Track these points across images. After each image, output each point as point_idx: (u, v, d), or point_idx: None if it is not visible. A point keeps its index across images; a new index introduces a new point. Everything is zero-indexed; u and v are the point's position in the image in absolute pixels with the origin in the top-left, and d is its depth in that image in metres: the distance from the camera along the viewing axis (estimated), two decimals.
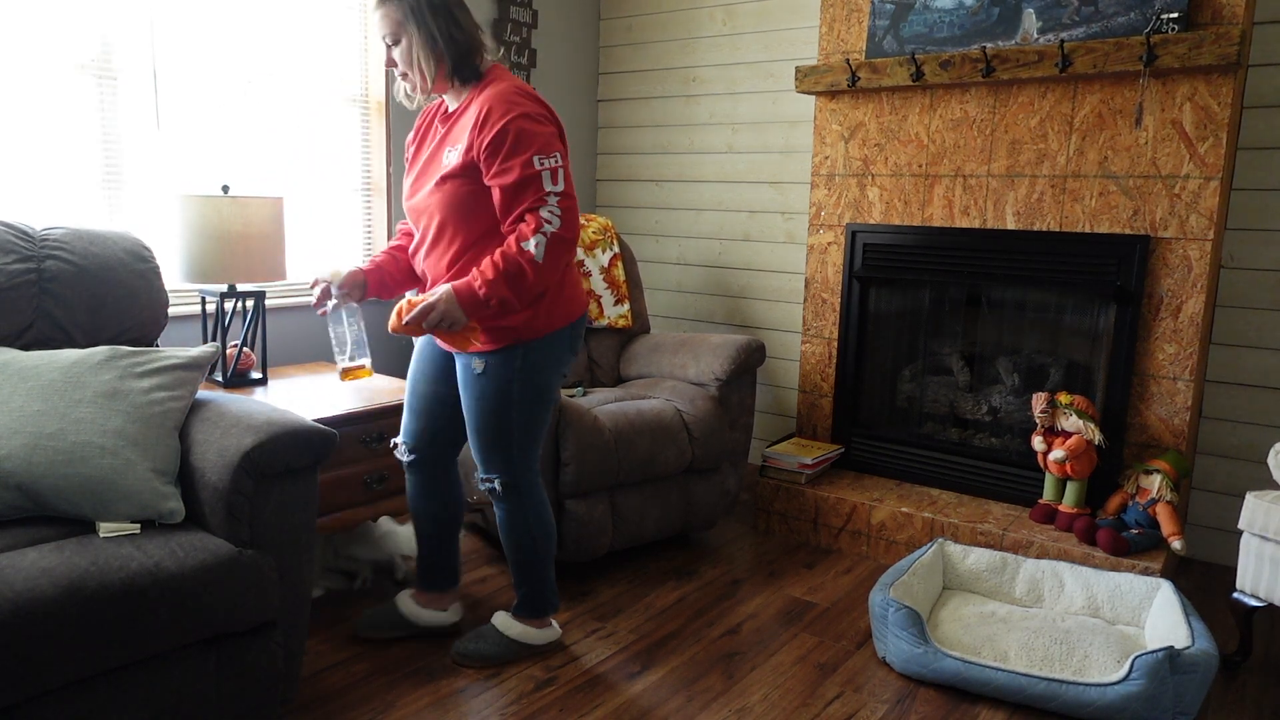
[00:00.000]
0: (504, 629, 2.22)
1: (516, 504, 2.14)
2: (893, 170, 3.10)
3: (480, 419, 2.06)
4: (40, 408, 1.74)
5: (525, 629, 2.23)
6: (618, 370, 3.34)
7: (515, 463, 2.09)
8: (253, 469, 1.73)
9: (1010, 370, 3.12)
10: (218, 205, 2.42)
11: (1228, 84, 2.52)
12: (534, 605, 2.24)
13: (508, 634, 2.21)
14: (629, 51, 4.12)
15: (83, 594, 1.48)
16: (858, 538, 3.01)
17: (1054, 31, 2.72)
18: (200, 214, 2.42)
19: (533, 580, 2.21)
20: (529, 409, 2.06)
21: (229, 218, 2.43)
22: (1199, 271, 2.62)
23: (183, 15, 2.71)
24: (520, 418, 2.06)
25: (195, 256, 2.44)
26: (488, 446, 2.08)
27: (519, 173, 1.86)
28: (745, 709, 2.07)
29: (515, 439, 2.07)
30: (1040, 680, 2.04)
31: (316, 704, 2.02)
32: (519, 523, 2.15)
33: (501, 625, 2.23)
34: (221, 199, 2.43)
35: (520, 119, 1.87)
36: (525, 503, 2.14)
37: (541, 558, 2.20)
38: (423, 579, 2.33)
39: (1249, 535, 2.24)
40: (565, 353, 2.10)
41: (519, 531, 2.16)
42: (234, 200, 2.44)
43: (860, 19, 3.11)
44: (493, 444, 2.07)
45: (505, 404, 2.03)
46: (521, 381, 2.02)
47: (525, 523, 2.15)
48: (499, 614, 2.26)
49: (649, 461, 2.70)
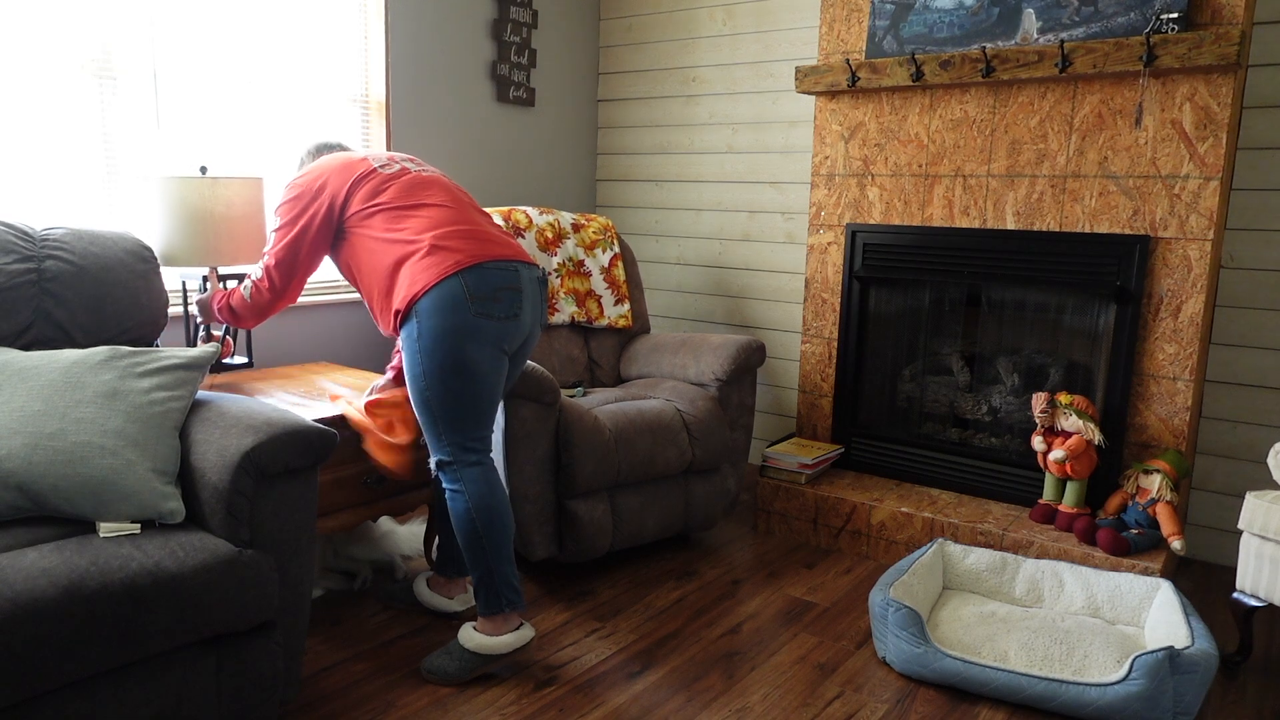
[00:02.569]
0: (464, 641, 2.14)
1: (454, 484, 2.11)
2: (893, 170, 3.10)
3: (412, 396, 2.12)
4: (40, 408, 1.74)
5: (483, 639, 2.12)
6: (618, 370, 3.34)
7: (446, 442, 2.10)
8: (253, 469, 1.73)
9: (1010, 370, 3.12)
10: (196, 186, 2.41)
11: (1228, 84, 2.52)
12: (487, 600, 2.12)
13: (467, 646, 2.13)
14: (629, 51, 4.12)
15: (83, 594, 1.48)
16: (858, 538, 3.01)
17: (1054, 31, 2.72)
18: (179, 196, 2.40)
19: (480, 570, 2.12)
20: (442, 382, 2.05)
21: (208, 199, 2.42)
22: (1199, 271, 2.62)
23: (183, 15, 2.71)
24: (437, 392, 2.06)
25: (173, 239, 2.42)
26: (422, 424, 2.12)
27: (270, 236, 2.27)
28: (745, 709, 2.07)
29: (437, 414, 2.08)
30: (1040, 680, 2.04)
31: (316, 704, 2.02)
32: (459, 506, 2.11)
33: (463, 637, 2.15)
34: (200, 180, 2.41)
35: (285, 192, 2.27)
36: (463, 484, 2.10)
37: (486, 548, 2.11)
38: (440, 565, 2.46)
39: (1249, 535, 2.24)
40: (466, 316, 2.04)
41: (459, 515, 2.11)
42: (212, 181, 2.42)
43: (860, 19, 3.11)
44: (425, 422, 2.11)
45: (418, 378, 2.07)
46: (425, 352, 2.05)
47: (465, 506, 2.10)
48: (464, 625, 2.18)
49: (649, 461, 2.70)
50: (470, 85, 3.61)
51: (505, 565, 2.13)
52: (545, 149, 4.02)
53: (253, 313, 2.29)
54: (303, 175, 2.22)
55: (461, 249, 2.09)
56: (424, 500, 2.62)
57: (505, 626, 2.14)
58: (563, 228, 3.28)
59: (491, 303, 2.07)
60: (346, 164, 2.21)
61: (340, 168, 2.20)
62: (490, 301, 2.07)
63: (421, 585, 2.48)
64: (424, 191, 2.19)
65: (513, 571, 2.14)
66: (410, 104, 3.37)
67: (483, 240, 2.14)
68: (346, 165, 2.21)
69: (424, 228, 2.12)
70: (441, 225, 2.13)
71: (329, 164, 2.22)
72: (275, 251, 2.20)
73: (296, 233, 2.17)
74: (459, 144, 3.60)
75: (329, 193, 2.17)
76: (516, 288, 2.12)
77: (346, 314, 3.24)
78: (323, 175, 2.20)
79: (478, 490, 2.10)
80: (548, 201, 4.08)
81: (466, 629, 2.16)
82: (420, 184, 2.20)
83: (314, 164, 2.26)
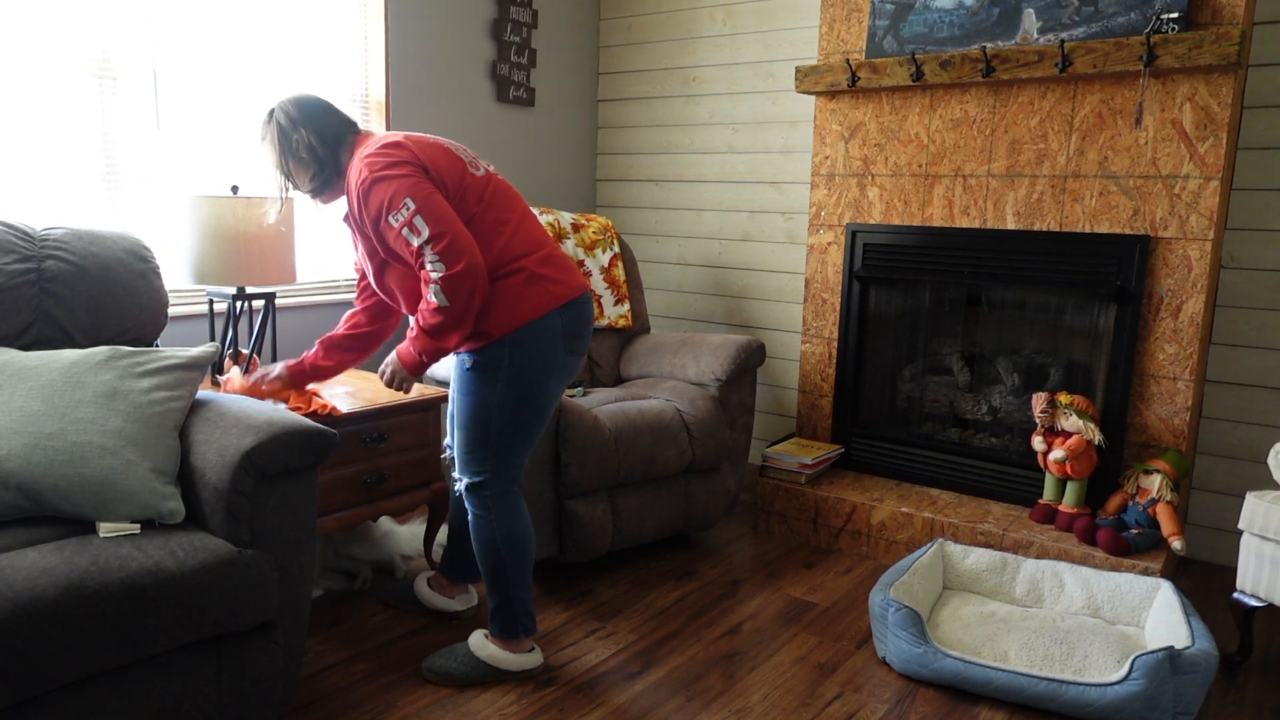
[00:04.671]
0: (476, 649, 2.13)
1: (484, 511, 2.07)
2: (893, 170, 3.10)
3: (464, 415, 2.04)
4: (40, 408, 1.74)
5: (496, 652, 2.12)
6: (618, 370, 3.34)
7: (489, 467, 2.04)
8: (253, 469, 1.73)
9: (1010, 370, 3.12)
10: (230, 206, 2.40)
11: (1228, 84, 2.52)
12: (504, 625, 2.12)
13: (478, 654, 2.12)
14: (629, 51, 4.12)
15: (83, 594, 1.48)
16: (858, 538, 3.01)
17: (1054, 31, 2.72)
18: (212, 215, 2.40)
19: (500, 597, 2.11)
20: (514, 412, 2.01)
21: (241, 219, 2.41)
22: (1199, 271, 2.62)
23: (183, 15, 2.71)
24: (501, 421, 2.01)
25: (204, 258, 2.41)
26: (466, 445, 2.05)
27: (390, 242, 1.94)
28: (745, 709, 2.07)
29: (493, 443, 2.02)
30: (1040, 680, 2.04)
31: (316, 704, 2.02)
32: (486, 532, 2.08)
33: (474, 645, 2.14)
34: (233, 200, 2.41)
35: (363, 192, 1.93)
36: (494, 512, 2.07)
37: (510, 576, 2.09)
38: (443, 567, 2.44)
39: (1249, 535, 2.24)
40: (559, 353, 2.03)
41: (485, 541, 2.08)
42: (246, 201, 2.42)
43: (860, 19, 3.11)
44: (471, 443, 2.04)
45: (487, 404, 2.00)
46: (509, 380, 1.99)
47: (492, 533, 2.07)
48: (476, 633, 2.17)
49: (649, 461, 2.70)
50: (470, 85, 3.61)
51: (525, 593, 2.12)
52: (545, 149, 4.02)
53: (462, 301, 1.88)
54: (396, 172, 1.90)
55: (559, 279, 2.03)
56: (424, 500, 2.62)
57: (519, 648, 2.15)
58: (563, 228, 3.28)
59: (578, 340, 2.08)
60: (451, 160, 2.00)
61: (447, 164, 1.98)
62: (578, 339, 2.08)
63: (422, 584, 2.47)
64: (511, 202, 2.06)
65: (530, 598, 2.15)
66: (410, 104, 3.37)
67: (570, 269, 2.09)
68: (452, 162, 2.00)
69: (521, 248, 2.01)
70: (538, 248, 2.04)
71: (433, 155, 1.97)
72: (426, 242, 1.85)
73: (430, 204, 1.87)
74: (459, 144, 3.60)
75: (438, 179, 1.95)
76: (592, 322, 2.13)
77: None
78: (428, 163, 1.95)
79: (509, 520, 2.08)
80: (548, 201, 4.08)
81: (479, 637, 2.15)
82: (505, 193, 2.07)
83: (401, 154, 1.93)
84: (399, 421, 2.51)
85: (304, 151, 2.02)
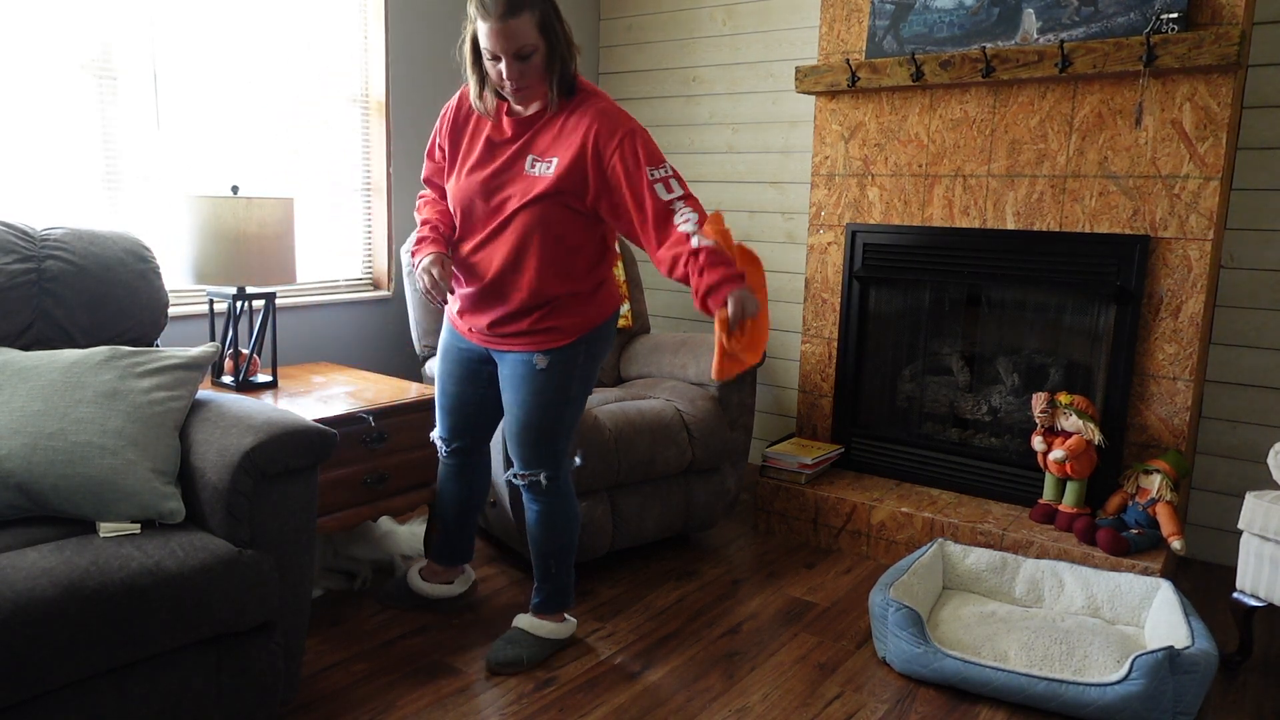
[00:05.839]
0: (533, 630, 2.24)
1: (557, 498, 2.18)
2: (893, 170, 3.10)
3: (535, 414, 2.08)
4: (40, 408, 1.74)
5: (555, 626, 2.26)
6: (618, 370, 3.34)
7: (559, 458, 2.14)
8: (253, 469, 1.73)
9: (1010, 370, 3.12)
10: (230, 206, 2.41)
11: (1228, 84, 2.52)
12: (561, 601, 2.27)
13: (538, 634, 2.24)
14: (629, 51, 4.12)
15: (83, 594, 1.48)
16: (858, 538, 3.01)
17: (1054, 31, 2.72)
18: (212, 215, 2.40)
19: (562, 575, 2.25)
20: (579, 405, 2.13)
21: (242, 219, 2.41)
22: (1199, 271, 2.62)
23: (183, 15, 2.71)
24: (572, 417, 2.13)
25: (204, 258, 2.42)
26: (536, 442, 2.11)
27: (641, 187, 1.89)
28: (745, 709, 2.07)
29: (563, 434, 2.13)
30: (1040, 680, 2.04)
31: (316, 704, 2.02)
32: (559, 518, 2.19)
33: (529, 626, 2.25)
34: (233, 200, 2.41)
35: (643, 140, 1.93)
36: (565, 499, 2.19)
37: (573, 552, 2.25)
38: (437, 554, 2.45)
39: (1249, 535, 2.24)
40: (610, 344, 2.17)
41: (558, 527, 2.20)
42: (246, 201, 2.42)
43: (860, 19, 3.11)
44: (542, 439, 2.11)
45: (563, 400, 2.08)
46: (581, 377, 2.09)
47: (565, 517, 2.20)
48: (521, 617, 2.28)
49: (649, 461, 2.70)
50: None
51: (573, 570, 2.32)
52: None
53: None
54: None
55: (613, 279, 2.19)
56: (424, 500, 2.62)
57: (562, 618, 2.30)
58: None
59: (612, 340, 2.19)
60: None
61: None
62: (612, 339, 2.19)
63: (416, 578, 2.47)
64: None
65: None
66: (410, 104, 3.37)
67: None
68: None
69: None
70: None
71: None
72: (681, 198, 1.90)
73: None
74: None
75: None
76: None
77: (346, 314, 3.24)
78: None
79: (575, 504, 2.22)
80: None
81: (529, 619, 2.26)
82: None
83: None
84: (399, 421, 2.51)
85: (565, 48, 1.94)
